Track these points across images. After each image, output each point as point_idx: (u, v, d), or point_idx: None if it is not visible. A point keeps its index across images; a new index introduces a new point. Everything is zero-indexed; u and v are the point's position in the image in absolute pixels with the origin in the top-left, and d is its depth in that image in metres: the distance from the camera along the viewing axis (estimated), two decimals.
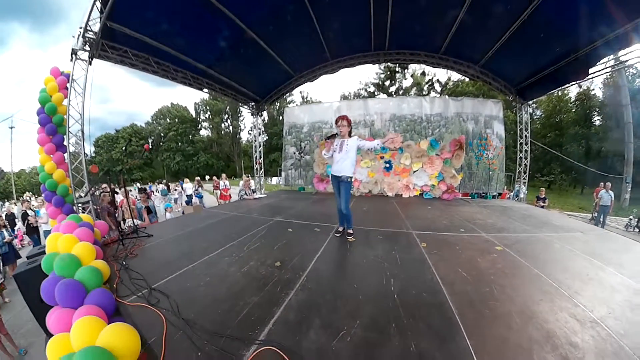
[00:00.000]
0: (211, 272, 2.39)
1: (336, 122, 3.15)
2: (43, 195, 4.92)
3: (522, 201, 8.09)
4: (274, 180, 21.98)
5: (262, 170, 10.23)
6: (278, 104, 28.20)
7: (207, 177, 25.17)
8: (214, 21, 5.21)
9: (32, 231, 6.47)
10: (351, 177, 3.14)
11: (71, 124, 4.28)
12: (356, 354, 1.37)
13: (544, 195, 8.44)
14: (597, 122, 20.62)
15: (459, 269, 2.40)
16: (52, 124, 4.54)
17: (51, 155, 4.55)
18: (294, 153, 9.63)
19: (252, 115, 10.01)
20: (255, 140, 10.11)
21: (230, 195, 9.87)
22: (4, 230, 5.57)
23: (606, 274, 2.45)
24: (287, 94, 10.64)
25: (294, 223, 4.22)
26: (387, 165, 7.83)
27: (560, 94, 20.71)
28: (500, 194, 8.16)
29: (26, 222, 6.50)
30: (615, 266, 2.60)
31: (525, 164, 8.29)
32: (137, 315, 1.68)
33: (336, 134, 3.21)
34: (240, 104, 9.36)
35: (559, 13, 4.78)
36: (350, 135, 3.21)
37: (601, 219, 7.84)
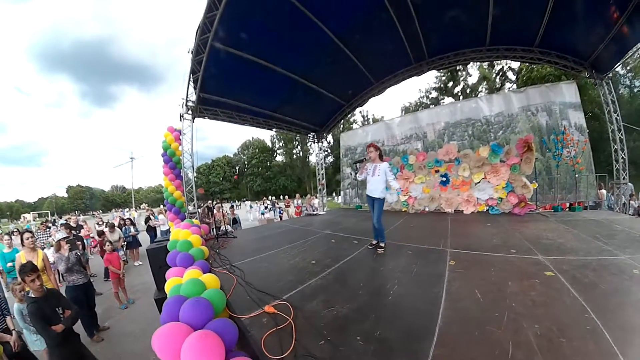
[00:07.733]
0: (269, 261, 3.45)
1: (366, 148, 3.63)
2: (166, 206, 7.38)
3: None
4: (339, 198, 23.03)
5: (325, 190, 11.35)
6: (341, 127, 29.98)
7: (281, 197, 28.94)
8: (272, 76, 6.76)
9: (151, 230, 9.31)
10: (384, 197, 3.56)
11: (184, 162, 6.43)
12: (334, 321, 1.91)
13: None
14: None
15: (476, 289, 2.20)
16: (172, 162, 7.04)
17: (172, 182, 7.01)
18: (350, 174, 10.38)
19: (314, 142, 11.53)
20: (318, 164, 11.44)
21: (302, 211, 11.38)
22: (131, 227, 8.30)
23: None
24: (350, 115, 11.77)
25: (339, 235, 4.88)
26: (444, 179, 7.31)
27: None
28: (597, 203, 6.18)
29: (147, 224, 9.27)
30: None
31: (622, 158, 5.97)
32: (220, 276, 2.80)
33: (365, 159, 3.66)
34: (303, 134, 10.99)
35: None
36: (381, 158, 3.64)
37: None
